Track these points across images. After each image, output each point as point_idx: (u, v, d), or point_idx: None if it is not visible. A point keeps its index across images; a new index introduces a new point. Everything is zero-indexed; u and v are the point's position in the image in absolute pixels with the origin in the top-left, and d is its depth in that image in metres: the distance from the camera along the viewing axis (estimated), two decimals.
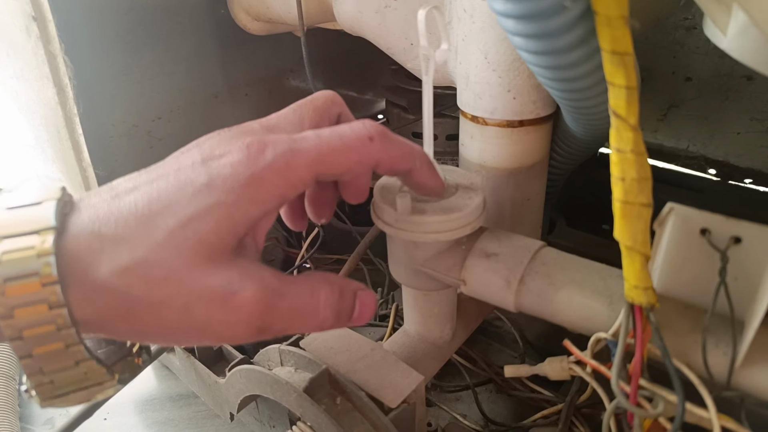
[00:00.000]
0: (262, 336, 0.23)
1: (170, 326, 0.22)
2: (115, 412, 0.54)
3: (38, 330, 0.20)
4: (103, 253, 0.21)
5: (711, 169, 0.69)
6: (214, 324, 0.22)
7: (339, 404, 0.32)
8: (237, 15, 0.59)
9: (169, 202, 0.22)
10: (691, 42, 0.64)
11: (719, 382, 0.25)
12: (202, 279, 0.21)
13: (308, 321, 0.24)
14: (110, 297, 0.21)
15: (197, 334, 0.22)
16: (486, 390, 0.47)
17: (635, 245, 0.23)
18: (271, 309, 0.23)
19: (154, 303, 0.21)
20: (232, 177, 0.22)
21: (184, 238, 0.21)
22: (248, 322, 0.22)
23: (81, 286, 0.21)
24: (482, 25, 0.36)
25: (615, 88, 0.22)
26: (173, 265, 0.21)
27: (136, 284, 0.21)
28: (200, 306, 0.21)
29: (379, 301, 0.53)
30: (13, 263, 0.20)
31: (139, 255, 0.21)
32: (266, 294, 0.23)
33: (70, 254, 0.21)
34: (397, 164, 0.26)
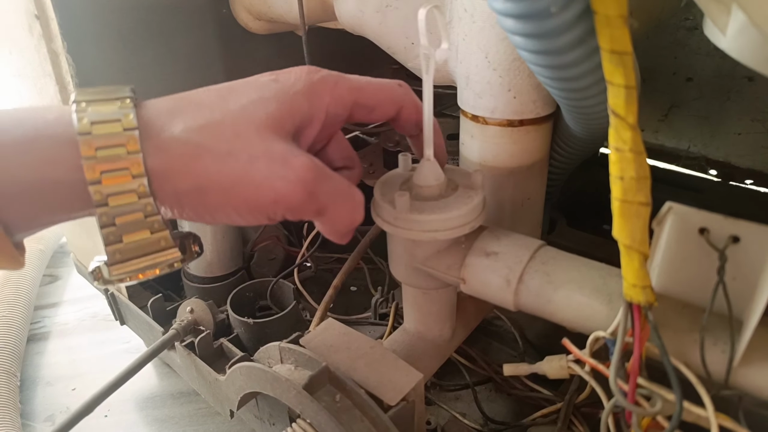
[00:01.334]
0: (310, 205, 0.26)
1: (232, 177, 0.24)
2: (115, 410, 0.54)
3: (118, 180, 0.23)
4: (182, 113, 0.25)
5: (712, 169, 0.69)
6: (274, 179, 0.24)
7: (338, 402, 0.33)
8: (238, 14, 0.59)
9: (242, 89, 0.26)
10: (693, 42, 0.64)
11: (717, 381, 0.25)
12: (267, 142, 0.25)
13: (346, 203, 0.27)
14: (182, 147, 0.24)
15: (255, 190, 0.24)
16: (485, 389, 0.47)
17: (634, 244, 0.23)
18: (321, 179, 0.26)
19: (222, 152, 0.24)
20: (294, 79, 0.27)
21: (254, 110, 0.25)
22: (304, 183, 0.25)
23: (156, 140, 0.24)
24: (483, 25, 0.36)
25: (614, 87, 0.22)
26: (244, 127, 0.25)
27: (208, 137, 0.24)
28: (264, 160, 0.24)
29: (380, 300, 0.54)
30: (98, 112, 0.24)
31: (216, 116, 0.25)
32: (318, 165, 0.26)
33: (148, 116, 0.24)
34: (415, 113, 0.31)
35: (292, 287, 0.52)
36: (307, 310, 0.56)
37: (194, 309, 0.50)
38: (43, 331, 0.68)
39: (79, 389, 0.58)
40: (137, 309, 0.54)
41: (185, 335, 0.48)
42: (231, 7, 0.59)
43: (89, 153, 0.23)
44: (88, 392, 0.43)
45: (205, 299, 0.50)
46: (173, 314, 0.51)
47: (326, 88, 0.28)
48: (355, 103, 0.29)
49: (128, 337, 0.63)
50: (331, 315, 0.51)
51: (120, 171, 0.23)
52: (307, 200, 0.25)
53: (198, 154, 0.24)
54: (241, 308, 0.50)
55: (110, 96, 0.25)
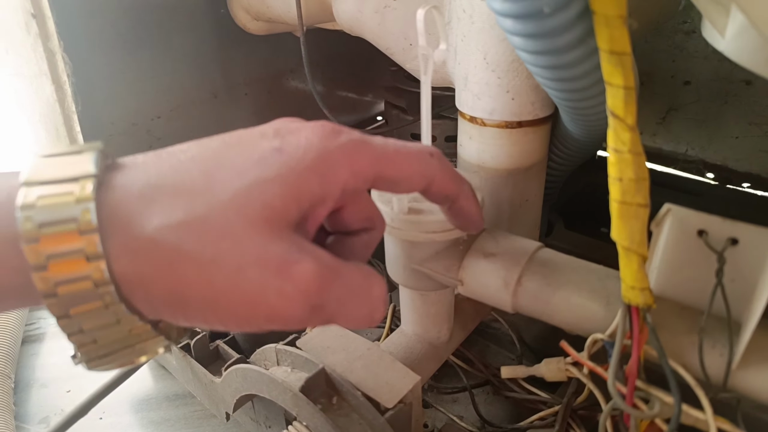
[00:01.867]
0: (314, 317, 0.21)
1: (217, 289, 0.20)
2: (110, 412, 0.53)
3: (74, 286, 0.19)
4: (156, 203, 0.20)
5: (709, 172, 0.69)
6: (268, 293, 0.20)
7: (335, 404, 0.32)
8: (237, 14, 0.59)
9: (235, 162, 0.21)
10: (690, 46, 0.64)
11: (716, 384, 0.25)
12: (261, 244, 0.20)
13: (362, 305, 0.22)
14: (155, 251, 0.19)
15: (245, 305, 0.20)
16: (483, 391, 0.47)
17: (632, 246, 0.23)
18: (328, 285, 0.21)
19: (205, 260, 0.19)
20: (304, 147, 0.21)
21: (249, 199, 0.20)
22: (305, 296, 0.20)
23: (123, 238, 0.19)
24: (481, 26, 0.36)
25: (613, 88, 0.22)
26: (233, 225, 0.20)
27: (188, 239, 0.19)
28: (255, 270, 0.20)
29: None
30: (49, 208, 0.18)
31: (198, 210, 0.20)
32: (324, 269, 0.21)
33: (114, 204, 0.19)
34: (448, 185, 0.26)
35: None
36: None
37: None
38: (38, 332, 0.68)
39: (74, 391, 0.57)
40: None
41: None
42: (229, 7, 0.58)
43: (38, 261, 0.18)
44: (83, 394, 0.43)
45: None
46: None
47: (345, 158, 0.22)
48: (378, 176, 0.23)
49: None
50: None
51: (79, 281, 0.19)
52: (309, 315, 0.21)
53: (176, 260, 0.19)
54: None
55: (68, 174, 0.19)
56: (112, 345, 0.21)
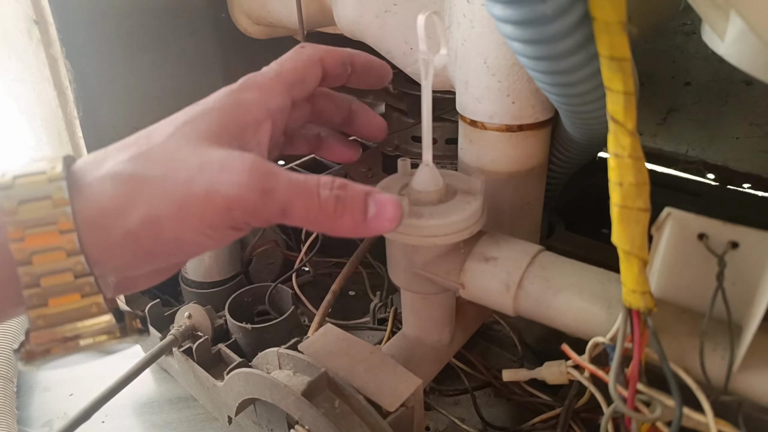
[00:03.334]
0: (269, 203, 0.23)
1: (177, 197, 0.22)
2: (113, 415, 0.53)
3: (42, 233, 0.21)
4: (107, 156, 0.23)
5: (710, 173, 0.69)
6: (218, 185, 0.22)
7: (337, 407, 0.32)
8: (237, 19, 0.59)
9: (166, 121, 0.25)
10: (691, 47, 0.64)
11: (717, 387, 0.25)
12: (203, 153, 0.23)
13: (310, 198, 0.24)
14: (116, 185, 0.22)
15: (205, 203, 0.22)
16: (484, 394, 0.47)
17: (633, 250, 0.23)
18: (271, 174, 0.23)
19: (159, 177, 0.22)
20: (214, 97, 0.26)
21: (183, 131, 0.24)
22: (251, 181, 0.23)
23: (85, 185, 0.22)
24: (481, 30, 0.36)
25: (613, 94, 0.22)
26: (175, 148, 0.23)
27: (140, 166, 0.23)
28: (203, 171, 0.23)
29: (378, 305, 0.53)
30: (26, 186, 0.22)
31: (143, 148, 0.23)
32: (265, 163, 0.24)
33: (77, 167, 0.23)
34: (335, 53, 0.30)
35: (290, 292, 0.52)
36: (306, 315, 0.56)
37: (192, 314, 0.49)
38: None
39: (76, 394, 0.57)
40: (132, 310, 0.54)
41: (183, 341, 0.48)
42: (230, 12, 0.59)
43: (11, 207, 0.21)
44: (86, 397, 0.43)
45: (204, 304, 0.50)
46: (171, 320, 0.51)
47: (254, 96, 0.26)
48: (289, 88, 0.28)
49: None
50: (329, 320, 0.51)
51: (46, 226, 0.21)
52: (262, 199, 0.23)
53: (135, 186, 0.22)
54: (239, 313, 0.50)
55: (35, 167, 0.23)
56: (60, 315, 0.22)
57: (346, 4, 0.47)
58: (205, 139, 0.24)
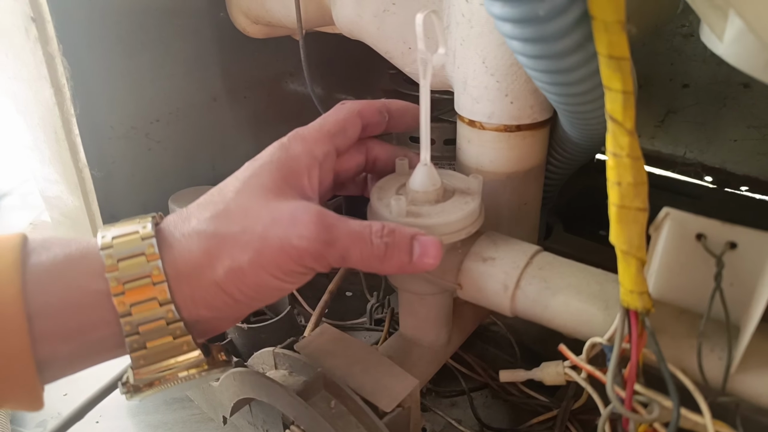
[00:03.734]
0: (331, 252, 0.27)
1: (255, 248, 0.26)
2: (107, 415, 0.53)
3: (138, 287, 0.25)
4: (190, 215, 0.28)
5: (708, 176, 0.69)
6: (290, 238, 0.26)
7: (333, 408, 0.32)
8: (236, 18, 0.59)
9: (233, 177, 0.29)
10: (689, 49, 0.64)
11: (714, 388, 0.25)
12: (273, 207, 0.27)
13: (364, 245, 0.28)
14: (201, 241, 0.26)
15: (279, 252, 0.26)
16: (481, 395, 0.47)
17: (631, 250, 0.23)
18: (333, 227, 0.27)
19: (238, 232, 0.26)
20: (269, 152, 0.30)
21: (252, 186, 0.28)
22: (317, 234, 0.27)
23: (173, 241, 0.26)
24: (480, 30, 0.36)
25: (611, 93, 0.22)
26: (248, 204, 0.27)
27: (221, 224, 0.27)
28: (276, 225, 0.27)
29: (375, 305, 0.53)
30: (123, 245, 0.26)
31: (220, 207, 0.27)
32: (326, 214, 0.28)
33: (165, 224, 0.27)
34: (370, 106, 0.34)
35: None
36: (302, 315, 0.55)
37: None
38: None
39: (71, 394, 0.57)
40: None
41: None
42: (228, 11, 0.59)
43: (111, 264, 0.25)
44: (80, 397, 0.43)
45: None
46: None
47: (301, 147, 0.31)
48: (332, 137, 0.32)
49: None
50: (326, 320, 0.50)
51: (141, 280, 0.25)
52: (326, 249, 0.27)
53: (219, 242, 0.26)
54: None
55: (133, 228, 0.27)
56: (157, 354, 0.26)
57: (345, 3, 0.47)
58: (270, 191, 0.28)
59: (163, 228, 0.27)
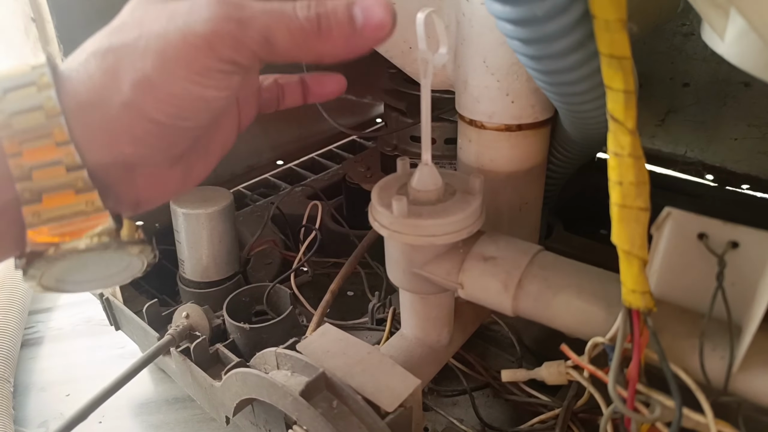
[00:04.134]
0: (248, 32, 0.22)
1: (158, 49, 0.22)
2: (110, 416, 0.53)
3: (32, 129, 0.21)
4: (85, 47, 0.24)
5: (708, 174, 0.69)
6: (192, 26, 0.22)
7: (335, 408, 0.32)
8: None
9: None
10: (689, 48, 0.64)
11: (716, 387, 0.25)
12: (172, 8, 0.23)
13: (289, 20, 0.23)
14: (97, 59, 0.22)
15: (185, 47, 0.22)
16: (483, 394, 0.47)
17: (633, 249, 0.23)
18: (242, 4, 0.23)
19: (135, 38, 0.22)
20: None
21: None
22: (224, 12, 0.22)
23: (73, 73, 0.23)
24: (481, 30, 0.36)
25: (613, 92, 0.22)
26: (144, 10, 0.23)
27: (115, 38, 0.23)
28: (174, 21, 0.22)
29: (377, 305, 0.53)
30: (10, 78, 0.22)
31: (116, 22, 0.24)
32: None
33: (62, 67, 0.23)
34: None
35: (288, 292, 0.52)
36: (304, 315, 0.55)
37: (190, 314, 0.49)
38: (36, 336, 0.68)
39: (73, 395, 0.57)
40: (132, 314, 0.54)
41: (181, 341, 0.48)
42: None
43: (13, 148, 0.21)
44: (83, 398, 0.43)
45: (201, 304, 0.50)
46: (168, 319, 0.51)
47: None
48: None
49: (123, 342, 0.63)
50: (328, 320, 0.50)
51: (31, 113, 0.21)
52: (239, 28, 0.22)
53: (117, 56, 0.22)
54: (237, 313, 0.49)
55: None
56: (55, 211, 0.21)
57: None
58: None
59: (59, 65, 0.23)
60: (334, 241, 0.63)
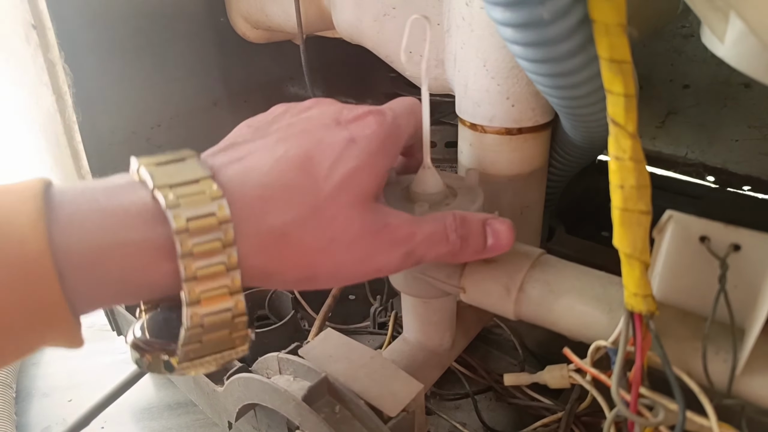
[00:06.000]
0: (409, 261, 0.27)
1: (337, 262, 0.25)
2: (112, 421, 0.53)
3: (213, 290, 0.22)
4: (274, 200, 0.23)
5: (709, 176, 0.69)
6: (375, 254, 0.26)
7: (338, 413, 0.32)
8: (236, 23, 0.59)
9: (323, 157, 0.25)
10: (689, 50, 0.64)
11: (720, 390, 0.25)
12: (361, 218, 0.25)
13: (441, 245, 0.28)
14: (283, 244, 0.23)
15: (360, 267, 0.26)
16: (485, 398, 0.47)
17: (634, 253, 0.23)
18: (413, 235, 0.27)
19: (325, 241, 0.24)
20: (369, 136, 0.26)
21: (346, 188, 0.25)
22: (400, 246, 0.26)
23: (255, 233, 0.22)
24: (481, 33, 0.36)
25: (613, 96, 0.22)
26: (339, 210, 0.25)
27: (308, 229, 0.24)
28: (362, 239, 0.25)
29: (379, 309, 0.53)
30: (191, 205, 0.21)
31: (310, 202, 0.24)
32: (407, 223, 0.27)
33: (240, 203, 0.22)
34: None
35: (290, 297, 0.52)
36: (306, 320, 0.55)
37: None
38: None
39: (75, 400, 0.57)
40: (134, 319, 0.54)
41: None
42: (228, 16, 0.59)
43: (186, 249, 0.21)
44: (85, 403, 0.43)
45: None
46: None
47: (398, 132, 0.29)
48: (416, 129, 0.31)
49: (125, 348, 0.63)
50: (329, 324, 0.50)
51: (216, 265, 0.21)
52: (404, 261, 0.27)
53: (302, 251, 0.24)
54: None
55: (188, 177, 0.22)
56: (210, 347, 0.23)
57: (345, 8, 0.47)
58: (363, 197, 0.26)
59: (239, 211, 0.22)
60: None
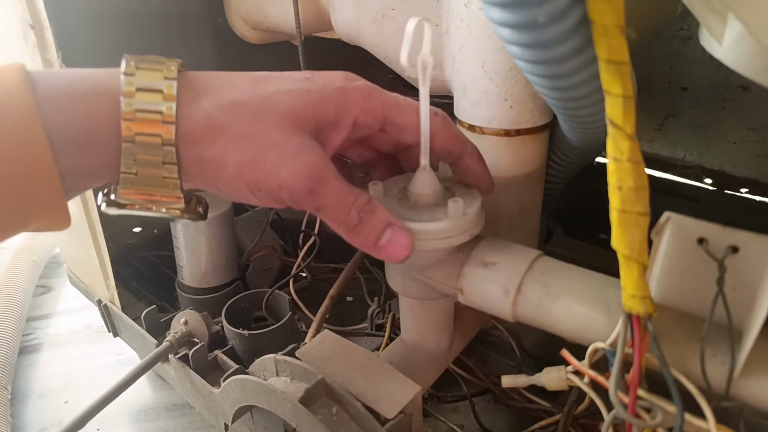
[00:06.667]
0: (309, 200, 0.27)
1: (246, 157, 0.27)
2: (108, 423, 0.53)
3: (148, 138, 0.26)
4: (215, 88, 0.27)
5: (707, 178, 0.69)
6: (282, 168, 0.27)
7: (335, 415, 0.32)
8: (235, 24, 0.59)
9: (275, 79, 0.28)
10: (687, 52, 0.64)
11: (718, 392, 0.25)
12: (285, 133, 0.27)
13: (340, 210, 0.28)
14: (207, 119, 0.26)
15: (264, 173, 0.27)
16: (483, 400, 0.47)
17: (632, 254, 0.23)
18: (324, 180, 0.27)
19: (241, 133, 0.26)
20: (326, 83, 0.29)
21: (279, 101, 0.27)
22: (307, 179, 0.27)
23: (188, 107, 0.26)
24: (479, 35, 0.36)
25: (611, 97, 0.22)
26: (266, 114, 0.27)
27: (232, 117, 0.27)
28: (277, 150, 0.27)
29: (376, 311, 0.53)
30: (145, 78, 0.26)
31: (242, 96, 0.27)
32: (326, 165, 0.28)
33: (189, 83, 0.27)
34: (450, 141, 0.32)
35: (287, 298, 0.52)
36: (303, 321, 0.55)
37: (188, 320, 0.49)
38: (35, 342, 0.67)
39: (71, 402, 0.57)
40: (130, 321, 0.54)
41: (179, 347, 0.48)
42: (227, 17, 0.59)
43: (129, 114, 0.25)
44: (81, 405, 0.43)
45: (200, 310, 0.50)
46: (167, 326, 0.51)
47: (358, 99, 0.29)
48: (387, 119, 0.30)
49: (121, 349, 0.63)
50: (327, 326, 0.50)
51: (153, 114, 0.26)
52: (307, 195, 0.27)
53: (221, 130, 0.26)
54: (236, 319, 0.49)
55: (158, 66, 0.27)
56: (145, 180, 0.26)
57: (344, 9, 0.47)
58: (293, 119, 0.27)
59: (185, 88, 0.27)
60: (333, 247, 0.63)
